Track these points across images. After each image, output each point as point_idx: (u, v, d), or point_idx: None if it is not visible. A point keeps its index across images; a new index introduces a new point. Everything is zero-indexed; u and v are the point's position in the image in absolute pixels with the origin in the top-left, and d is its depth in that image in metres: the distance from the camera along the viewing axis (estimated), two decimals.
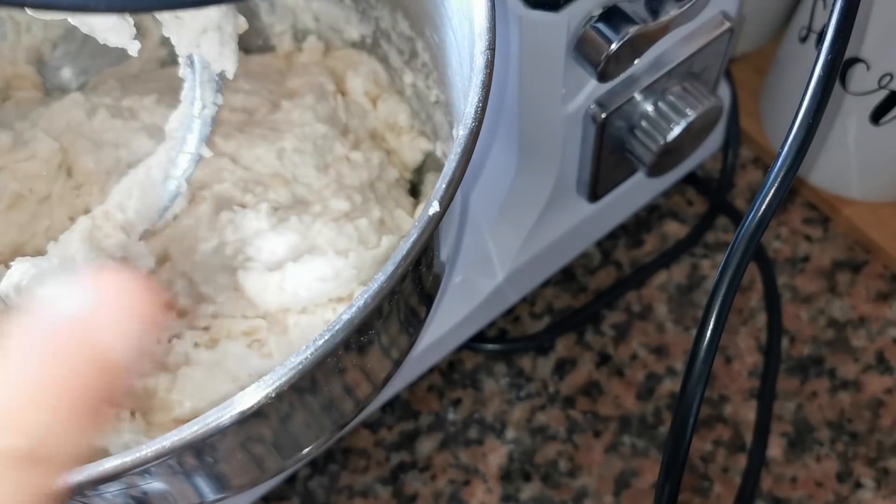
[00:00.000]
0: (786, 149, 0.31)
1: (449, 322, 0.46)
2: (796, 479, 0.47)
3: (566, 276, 0.53)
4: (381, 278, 0.25)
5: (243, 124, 0.41)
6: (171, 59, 0.37)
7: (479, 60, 0.28)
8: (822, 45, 0.31)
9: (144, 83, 0.44)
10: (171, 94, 0.40)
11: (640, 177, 0.48)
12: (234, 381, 0.35)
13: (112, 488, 0.27)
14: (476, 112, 0.27)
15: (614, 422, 0.49)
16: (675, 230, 0.55)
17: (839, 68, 0.33)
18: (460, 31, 0.31)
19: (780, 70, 0.53)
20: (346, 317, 0.25)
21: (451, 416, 0.50)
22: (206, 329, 0.37)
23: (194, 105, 0.35)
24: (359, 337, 0.29)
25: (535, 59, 0.38)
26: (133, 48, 0.31)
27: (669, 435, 0.32)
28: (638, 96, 0.41)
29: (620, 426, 0.49)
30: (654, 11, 0.37)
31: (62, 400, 0.17)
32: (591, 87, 0.40)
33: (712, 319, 0.31)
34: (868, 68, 0.45)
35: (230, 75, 0.34)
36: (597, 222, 0.50)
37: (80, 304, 0.17)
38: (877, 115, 0.47)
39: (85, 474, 0.24)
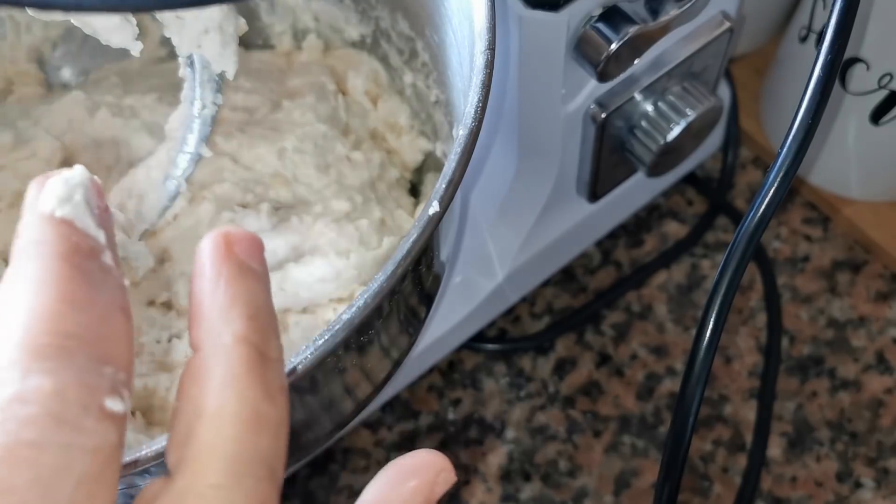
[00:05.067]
0: (785, 149, 0.31)
1: (449, 322, 0.46)
2: (796, 479, 0.47)
3: (566, 276, 0.53)
4: (380, 278, 0.25)
5: (244, 124, 0.41)
6: (172, 56, 0.37)
7: (479, 60, 0.28)
8: (821, 45, 0.31)
9: (146, 80, 0.44)
10: (171, 91, 0.41)
11: (640, 177, 0.48)
12: None
13: None
14: (476, 112, 0.27)
15: (614, 422, 0.49)
16: (675, 230, 0.55)
17: (839, 68, 0.33)
18: (460, 31, 0.31)
19: (780, 70, 0.53)
20: (346, 317, 0.25)
21: (451, 415, 0.50)
22: None
23: (194, 105, 0.35)
24: (359, 337, 0.29)
25: (535, 59, 0.38)
26: (135, 49, 0.31)
27: (669, 435, 0.32)
28: (638, 96, 0.41)
29: (620, 426, 0.49)
30: (654, 11, 0.37)
31: None
32: (591, 87, 0.40)
33: (712, 319, 0.31)
34: (868, 68, 0.45)
35: (230, 76, 0.34)
36: (597, 222, 0.50)
37: None
38: (877, 115, 0.47)
39: None
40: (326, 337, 0.25)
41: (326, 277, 0.36)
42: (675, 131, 0.41)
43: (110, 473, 0.17)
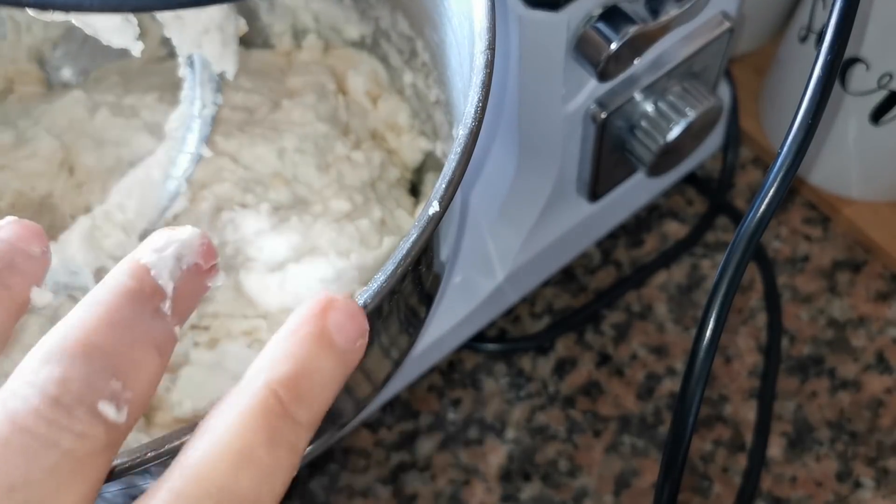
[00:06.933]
0: (785, 149, 0.31)
1: (449, 322, 0.46)
2: (796, 479, 0.47)
3: (566, 276, 0.53)
4: (380, 278, 0.25)
5: (244, 123, 0.41)
6: (172, 56, 0.37)
7: (479, 60, 0.28)
8: (821, 45, 0.31)
9: (146, 79, 0.44)
10: (172, 91, 0.41)
11: (640, 177, 0.48)
12: (235, 381, 0.35)
13: (112, 488, 0.27)
14: (476, 112, 0.27)
15: (614, 422, 0.49)
16: (675, 230, 0.55)
17: (839, 68, 0.33)
18: (460, 30, 0.31)
19: (779, 70, 0.53)
20: None
21: (451, 415, 0.50)
22: (206, 329, 0.37)
23: (194, 105, 0.35)
24: None
25: (535, 59, 0.38)
26: (136, 49, 0.31)
27: (669, 435, 0.32)
28: (638, 96, 0.41)
29: (620, 426, 0.49)
30: (654, 11, 0.37)
31: None
32: (591, 87, 0.40)
33: (712, 319, 0.31)
34: (868, 68, 0.45)
35: (230, 76, 0.34)
36: (597, 222, 0.50)
37: None
38: (877, 115, 0.47)
39: None
40: None
41: (327, 277, 0.36)
42: (675, 131, 0.41)
43: (91, 468, 0.17)
